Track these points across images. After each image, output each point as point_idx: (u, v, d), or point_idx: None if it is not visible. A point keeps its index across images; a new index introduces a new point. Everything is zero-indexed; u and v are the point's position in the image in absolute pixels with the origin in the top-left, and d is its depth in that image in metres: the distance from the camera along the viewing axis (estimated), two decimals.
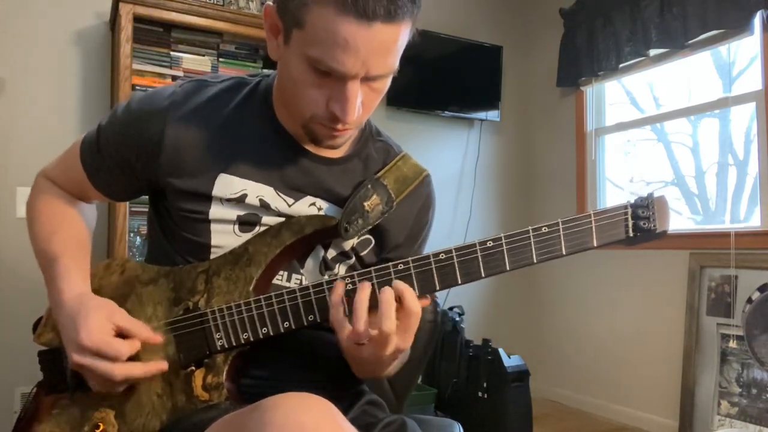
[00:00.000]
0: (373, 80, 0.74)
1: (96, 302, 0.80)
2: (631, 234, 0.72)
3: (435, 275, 0.74)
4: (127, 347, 0.76)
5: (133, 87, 2.19)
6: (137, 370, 0.77)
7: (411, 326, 0.73)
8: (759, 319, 2.28)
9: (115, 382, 0.77)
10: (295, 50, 0.74)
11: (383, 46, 0.71)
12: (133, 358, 0.78)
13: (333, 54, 0.70)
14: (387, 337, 0.71)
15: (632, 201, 0.73)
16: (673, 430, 2.56)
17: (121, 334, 0.78)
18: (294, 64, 0.75)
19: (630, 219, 0.72)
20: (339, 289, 0.74)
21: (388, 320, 0.70)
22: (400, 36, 0.72)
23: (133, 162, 0.87)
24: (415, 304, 0.72)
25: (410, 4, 0.71)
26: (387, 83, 0.78)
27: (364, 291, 0.72)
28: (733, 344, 2.36)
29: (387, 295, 0.71)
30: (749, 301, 2.32)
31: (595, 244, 0.72)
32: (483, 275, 0.73)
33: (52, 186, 0.97)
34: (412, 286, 0.74)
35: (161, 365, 0.79)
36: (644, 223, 0.72)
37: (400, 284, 0.73)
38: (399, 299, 0.72)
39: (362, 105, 0.76)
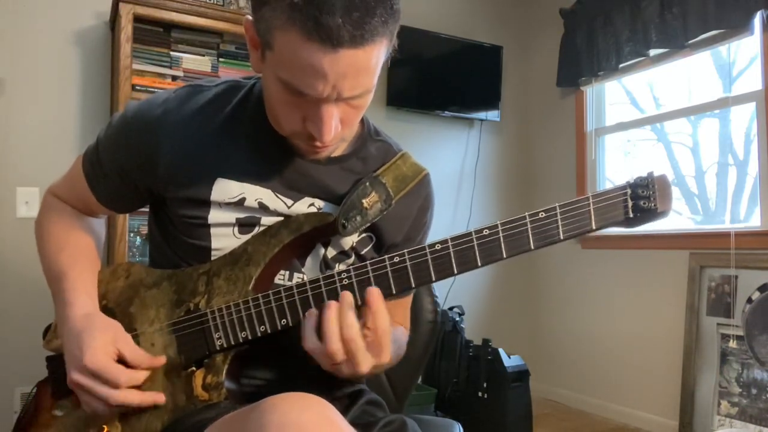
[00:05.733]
0: (350, 99, 0.72)
1: (102, 323, 0.80)
2: (630, 215, 0.70)
3: (431, 266, 0.73)
4: (126, 376, 0.76)
5: (133, 87, 2.19)
6: (134, 398, 0.77)
7: (383, 344, 0.71)
8: (759, 319, 2.28)
9: (109, 406, 0.77)
10: (269, 70, 0.73)
11: (352, 70, 0.68)
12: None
13: (301, 78, 0.69)
14: (355, 357, 0.70)
15: (631, 180, 0.71)
16: (673, 430, 2.56)
17: (123, 361, 0.78)
18: (270, 83, 0.75)
19: (629, 200, 0.70)
20: (311, 319, 0.73)
21: (352, 342, 0.69)
22: (371, 58, 0.69)
23: (131, 172, 0.87)
24: (383, 320, 0.71)
25: (380, 25, 0.66)
26: (367, 99, 0.76)
27: (331, 309, 0.70)
28: (733, 344, 2.36)
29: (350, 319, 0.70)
30: (749, 301, 2.32)
31: (594, 227, 0.70)
32: (479, 264, 0.72)
33: (59, 203, 0.97)
34: (407, 278, 0.74)
35: (158, 397, 0.79)
36: (644, 203, 0.69)
37: (372, 296, 0.71)
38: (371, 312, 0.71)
39: (342, 122, 0.75)
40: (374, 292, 0.72)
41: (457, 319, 2.63)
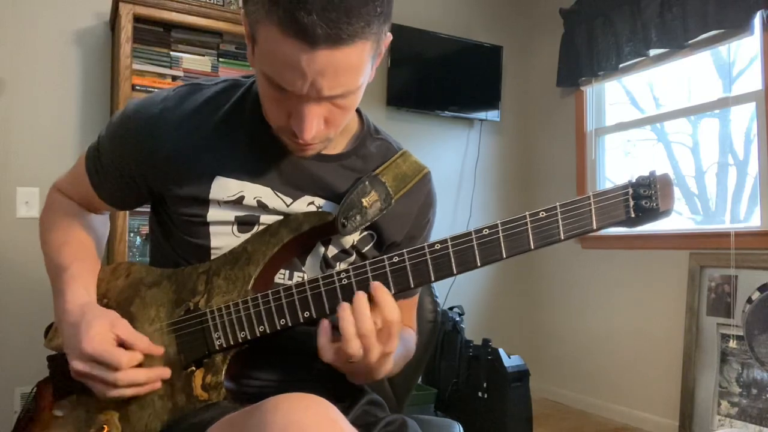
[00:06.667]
0: (333, 98, 0.71)
1: (99, 312, 0.80)
2: (632, 214, 0.69)
3: (430, 266, 0.73)
4: (127, 357, 0.76)
5: (133, 87, 2.19)
6: (141, 375, 0.77)
7: (392, 333, 0.72)
8: (759, 319, 2.28)
9: (118, 388, 0.77)
10: (257, 64, 0.73)
11: (330, 69, 0.67)
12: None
13: (280, 74, 0.69)
14: (368, 344, 0.71)
15: (633, 180, 0.70)
16: (673, 430, 2.56)
17: (123, 345, 0.78)
18: (258, 77, 0.75)
19: (631, 199, 0.69)
20: (325, 335, 0.73)
21: (363, 325, 0.70)
22: (351, 58, 0.67)
23: (131, 169, 0.87)
24: (391, 310, 0.71)
25: (361, 27, 0.65)
26: (353, 100, 0.75)
27: (345, 310, 0.71)
28: (733, 344, 2.36)
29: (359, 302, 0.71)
30: (749, 301, 2.32)
31: (594, 227, 0.69)
32: (479, 264, 0.72)
33: (64, 198, 0.98)
34: (406, 278, 0.74)
35: (164, 371, 0.79)
36: (646, 203, 0.69)
37: (377, 290, 0.72)
38: (376, 303, 0.72)
39: (326, 121, 0.75)
40: (377, 287, 0.72)
41: (457, 319, 2.63)
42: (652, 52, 2.77)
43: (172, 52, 2.33)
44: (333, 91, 0.70)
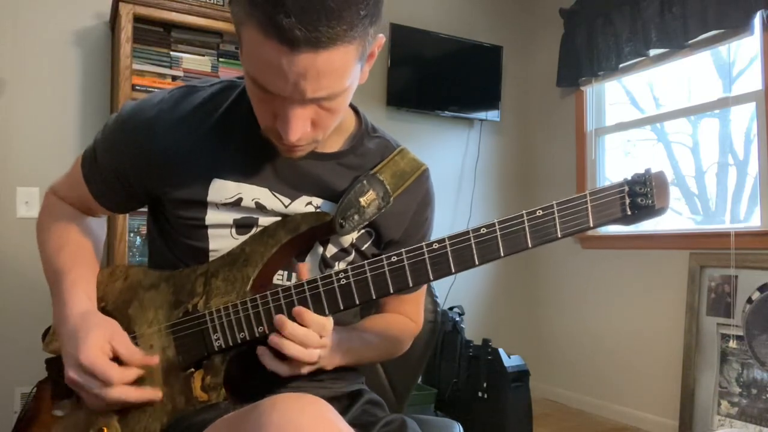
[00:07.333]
0: (319, 100, 0.70)
1: (99, 321, 0.80)
2: (628, 212, 0.69)
3: (428, 265, 0.73)
4: (118, 374, 0.76)
5: (133, 87, 2.19)
6: (131, 395, 0.77)
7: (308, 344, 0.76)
8: (759, 319, 2.27)
9: (107, 402, 0.77)
10: (243, 64, 0.73)
11: (312, 72, 0.66)
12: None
13: (263, 75, 0.68)
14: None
15: (629, 178, 0.70)
16: (673, 430, 2.56)
17: (118, 359, 0.78)
18: (246, 77, 0.75)
19: (627, 197, 0.69)
20: (265, 356, 0.77)
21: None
22: (333, 61, 0.66)
23: (127, 172, 0.87)
24: (316, 332, 0.76)
25: (344, 30, 0.64)
26: (340, 102, 0.73)
27: (282, 341, 0.75)
28: (733, 344, 2.36)
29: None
30: (749, 301, 2.31)
31: (591, 225, 0.70)
32: (477, 263, 0.72)
33: (60, 202, 0.98)
34: (404, 277, 0.74)
35: (155, 394, 0.79)
36: (642, 200, 0.69)
37: (296, 309, 0.76)
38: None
39: (313, 123, 0.74)
40: (298, 312, 0.75)
41: (457, 319, 2.63)
42: (652, 52, 2.77)
43: (172, 52, 2.33)
44: (317, 94, 0.69)
